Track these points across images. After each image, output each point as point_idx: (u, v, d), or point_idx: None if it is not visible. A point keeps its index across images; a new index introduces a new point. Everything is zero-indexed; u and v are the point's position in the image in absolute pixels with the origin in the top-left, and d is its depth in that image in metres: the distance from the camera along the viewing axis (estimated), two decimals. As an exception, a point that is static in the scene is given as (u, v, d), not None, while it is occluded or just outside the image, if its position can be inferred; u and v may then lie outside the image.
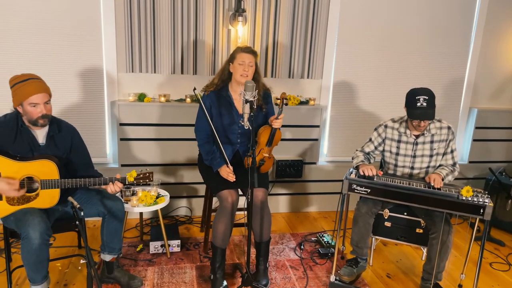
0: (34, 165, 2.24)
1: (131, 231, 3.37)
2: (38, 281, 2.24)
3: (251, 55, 2.64)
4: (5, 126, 2.25)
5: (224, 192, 2.60)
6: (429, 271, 2.62)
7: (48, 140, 2.35)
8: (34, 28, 3.11)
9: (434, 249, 2.56)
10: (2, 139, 2.24)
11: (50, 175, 2.26)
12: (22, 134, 2.27)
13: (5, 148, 2.23)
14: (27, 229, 2.14)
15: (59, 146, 2.39)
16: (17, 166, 2.21)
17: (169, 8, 3.25)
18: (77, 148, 2.49)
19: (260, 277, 2.68)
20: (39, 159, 2.25)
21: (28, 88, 2.21)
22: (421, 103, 2.49)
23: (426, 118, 2.52)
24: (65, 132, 2.43)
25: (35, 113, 2.23)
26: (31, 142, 2.29)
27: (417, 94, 2.51)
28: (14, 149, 2.25)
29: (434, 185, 2.48)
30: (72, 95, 3.29)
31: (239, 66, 2.62)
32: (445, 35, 3.85)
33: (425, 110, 2.50)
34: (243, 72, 2.62)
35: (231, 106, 2.72)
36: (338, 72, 3.74)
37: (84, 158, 2.53)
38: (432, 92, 2.54)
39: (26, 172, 2.23)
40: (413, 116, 2.54)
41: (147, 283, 2.66)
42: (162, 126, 3.43)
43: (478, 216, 2.34)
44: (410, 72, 3.86)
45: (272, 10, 3.42)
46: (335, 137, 3.89)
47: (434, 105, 2.53)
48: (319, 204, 3.96)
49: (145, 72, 3.36)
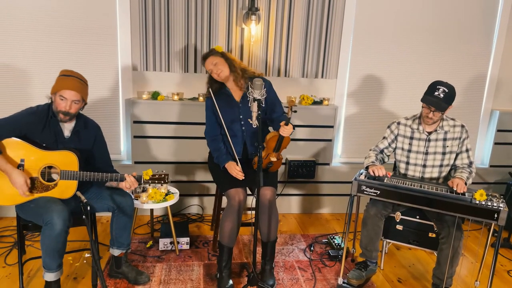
0: (57, 155, 2.34)
1: (143, 228, 3.40)
2: (53, 268, 2.31)
3: (211, 57, 2.71)
4: (37, 116, 2.37)
5: (232, 190, 2.60)
6: (438, 276, 2.55)
7: (73, 134, 2.46)
8: (50, 27, 3.19)
9: (444, 254, 2.49)
10: (32, 127, 2.35)
11: (71, 166, 2.36)
12: (50, 125, 2.39)
13: (32, 136, 2.35)
14: (51, 215, 2.21)
15: (83, 141, 2.49)
16: (41, 154, 2.32)
17: (183, 7, 3.27)
18: (99, 146, 2.59)
19: (266, 277, 2.66)
20: (62, 149, 2.36)
21: (65, 82, 2.35)
22: (439, 93, 2.48)
23: (436, 106, 2.48)
24: (90, 129, 2.54)
25: (59, 106, 2.35)
26: (57, 134, 2.41)
27: (440, 84, 2.51)
28: (41, 138, 2.37)
29: (457, 190, 2.40)
30: (89, 93, 3.34)
31: (212, 73, 2.72)
32: (466, 34, 3.72)
33: (439, 100, 2.47)
34: (215, 75, 2.71)
35: (230, 97, 2.76)
36: (353, 72, 3.68)
37: (104, 156, 2.63)
38: (454, 89, 2.52)
39: (48, 161, 2.33)
40: (425, 100, 2.52)
41: (154, 279, 2.68)
42: (175, 124, 3.45)
43: (492, 221, 2.25)
44: (427, 72, 3.75)
45: (286, 8, 3.40)
46: (349, 138, 3.83)
47: (450, 101, 2.49)
48: (331, 206, 3.91)
49: (159, 71, 3.40)
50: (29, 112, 2.37)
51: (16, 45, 3.17)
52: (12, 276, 2.64)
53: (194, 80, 3.49)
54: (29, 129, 2.34)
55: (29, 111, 2.38)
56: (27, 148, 2.31)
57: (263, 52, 3.45)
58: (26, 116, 2.35)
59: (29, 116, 2.35)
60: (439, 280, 2.55)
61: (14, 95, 3.25)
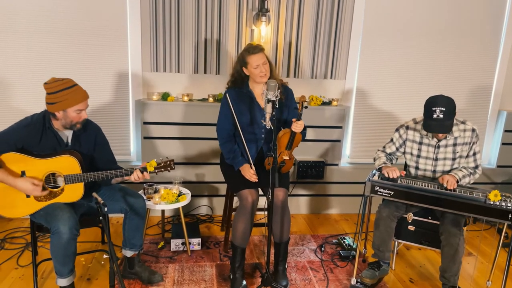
0: (57, 161, 2.29)
1: (153, 228, 3.41)
2: (64, 274, 2.30)
3: (261, 54, 2.60)
4: (33, 127, 2.30)
5: (244, 191, 2.60)
6: (443, 274, 2.57)
7: (74, 140, 2.40)
8: (60, 29, 3.19)
9: (445, 251, 2.52)
10: (29, 140, 2.29)
11: (72, 170, 2.32)
12: (47, 135, 2.33)
13: (30, 149, 2.30)
14: (57, 224, 2.20)
15: (83, 145, 2.45)
16: (41, 164, 2.27)
17: (193, 9, 3.28)
18: (101, 146, 2.54)
19: (279, 277, 2.66)
20: (60, 155, 2.30)
21: (76, 95, 2.26)
22: (437, 115, 2.39)
23: (442, 131, 2.45)
24: (90, 131, 2.48)
25: (77, 118, 2.30)
26: (56, 143, 2.35)
27: (434, 105, 2.40)
28: (39, 149, 2.31)
29: (447, 187, 2.42)
30: (98, 94, 3.35)
31: (255, 69, 2.60)
32: (474, 35, 3.74)
33: (441, 122, 2.40)
34: (261, 73, 2.60)
35: (253, 101, 2.70)
36: (362, 73, 3.69)
37: (107, 155, 2.58)
38: (450, 101, 2.42)
39: (49, 169, 2.29)
40: (429, 129, 2.47)
41: (167, 279, 2.68)
42: (184, 125, 3.46)
43: (507, 222, 2.26)
44: (436, 72, 3.77)
45: (296, 10, 3.40)
46: (358, 138, 3.84)
47: (452, 115, 2.42)
48: (340, 206, 3.92)
49: (169, 72, 3.40)
50: (24, 125, 2.29)
51: (24, 46, 3.17)
52: (26, 277, 2.64)
53: (204, 81, 3.50)
54: (26, 142, 2.28)
55: (24, 124, 2.30)
56: (25, 160, 2.25)
57: (272, 53, 3.46)
58: (21, 129, 2.28)
59: (24, 129, 2.28)
60: (444, 278, 2.58)
61: (22, 99, 3.25)
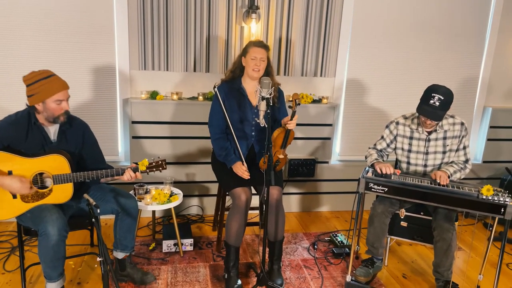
0: (45, 160, 2.21)
1: (143, 230, 3.35)
2: (54, 277, 2.23)
3: (263, 50, 2.63)
4: (17, 124, 2.23)
5: (237, 189, 2.57)
6: (436, 269, 2.61)
7: (60, 135, 2.32)
8: (47, 26, 3.10)
9: (437, 246, 2.56)
10: (15, 137, 2.21)
11: (62, 169, 2.24)
12: (33, 132, 2.25)
13: (17, 146, 2.21)
14: (45, 226, 2.12)
15: (71, 142, 2.36)
16: (29, 163, 2.19)
17: (182, 5, 3.23)
18: (89, 144, 2.46)
19: (275, 276, 2.64)
20: (50, 154, 2.23)
21: (54, 85, 2.18)
22: (434, 102, 2.42)
23: (432, 117, 2.47)
24: (76, 128, 2.40)
25: (58, 110, 2.22)
26: (43, 139, 2.27)
27: (434, 92, 2.44)
28: (26, 147, 2.23)
29: (440, 182, 2.45)
30: (84, 93, 3.27)
31: (251, 60, 2.62)
32: (460, 33, 3.80)
33: (435, 109, 2.43)
34: (255, 66, 2.62)
35: (244, 98, 2.69)
36: (351, 71, 3.70)
37: (96, 154, 2.51)
38: (450, 94, 2.45)
39: (37, 168, 2.21)
40: (421, 111, 2.49)
41: (160, 281, 2.63)
42: (174, 124, 3.41)
43: (499, 216, 2.30)
44: (424, 70, 3.81)
45: (286, 7, 3.39)
46: (347, 136, 3.85)
47: (446, 107, 2.45)
48: (331, 204, 3.93)
49: (157, 70, 3.34)
50: (8, 123, 2.22)
51: (11, 44, 3.07)
52: (13, 282, 2.56)
53: (193, 79, 3.45)
54: (11, 140, 2.19)
55: (8, 121, 2.22)
56: (12, 159, 2.16)
57: (262, 50, 3.44)
58: (6, 127, 2.20)
59: (9, 127, 2.20)
60: (437, 273, 2.61)
61: (11, 98, 3.15)
